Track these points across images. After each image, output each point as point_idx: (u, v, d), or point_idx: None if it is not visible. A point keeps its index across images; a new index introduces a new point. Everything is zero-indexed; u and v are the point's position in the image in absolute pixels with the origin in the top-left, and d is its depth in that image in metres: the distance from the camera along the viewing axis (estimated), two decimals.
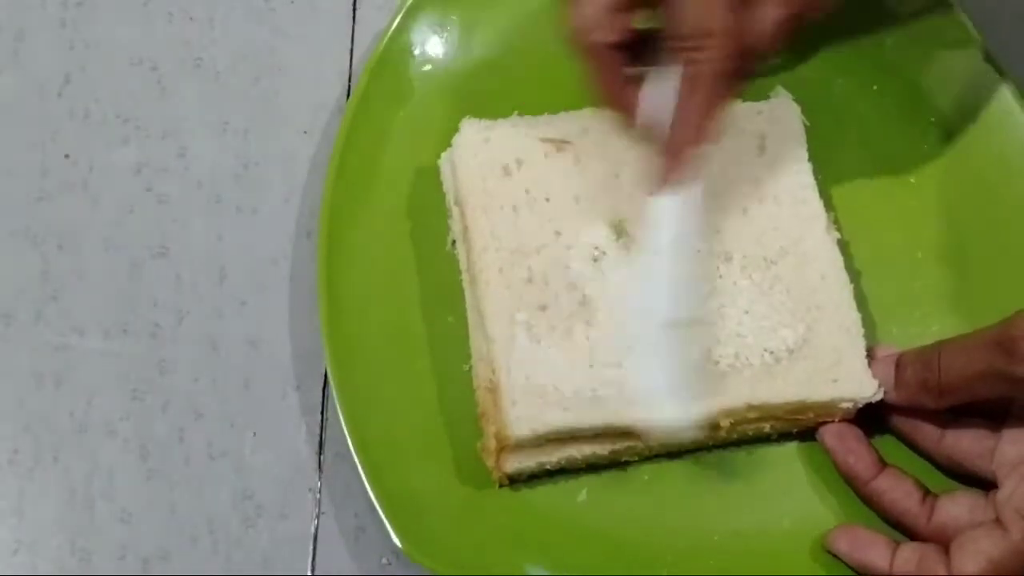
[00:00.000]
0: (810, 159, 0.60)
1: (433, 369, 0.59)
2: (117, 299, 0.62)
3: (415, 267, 0.61)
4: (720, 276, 0.58)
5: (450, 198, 0.61)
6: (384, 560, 0.58)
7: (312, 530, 0.59)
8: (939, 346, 0.54)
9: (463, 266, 0.60)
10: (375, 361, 0.59)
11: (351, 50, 0.68)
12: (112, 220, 0.64)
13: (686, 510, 0.57)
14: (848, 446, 0.56)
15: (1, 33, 0.68)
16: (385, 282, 0.60)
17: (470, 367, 0.59)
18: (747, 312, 0.57)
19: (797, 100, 0.62)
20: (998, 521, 0.52)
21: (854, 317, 0.57)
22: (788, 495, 0.58)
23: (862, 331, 0.57)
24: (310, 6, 0.69)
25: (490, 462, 0.55)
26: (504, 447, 0.55)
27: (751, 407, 0.55)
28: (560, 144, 0.60)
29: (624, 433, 0.56)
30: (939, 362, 0.53)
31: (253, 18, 0.69)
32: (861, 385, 0.55)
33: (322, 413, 0.61)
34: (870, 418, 0.57)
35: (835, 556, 0.56)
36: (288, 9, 0.69)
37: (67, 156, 0.65)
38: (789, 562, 0.56)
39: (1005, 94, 0.63)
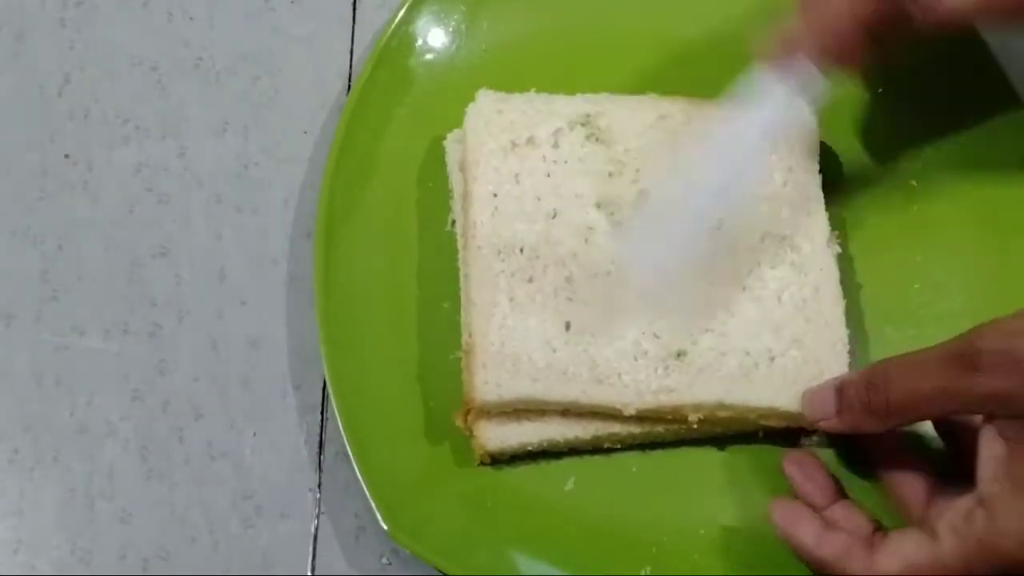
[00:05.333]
0: (821, 171, 0.60)
1: (427, 358, 0.59)
2: (117, 299, 0.63)
3: (413, 258, 0.61)
4: (713, 280, 0.58)
5: (454, 178, 0.62)
6: (384, 560, 0.58)
7: (312, 530, 0.59)
8: (885, 365, 0.52)
9: (459, 230, 0.60)
10: (370, 351, 0.59)
11: (351, 50, 0.68)
12: (112, 220, 0.64)
13: (672, 503, 0.57)
14: (806, 473, 0.55)
15: (1, 33, 0.68)
16: (382, 273, 0.61)
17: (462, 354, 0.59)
18: (732, 314, 0.57)
19: None
20: (931, 530, 0.50)
21: (841, 335, 0.57)
22: (775, 492, 0.57)
23: (847, 348, 0.57)
24: (310, 6, 0.69)
25: (458, 421, 0.56)
26: (470, 410, 0.56)
27: (723, 406, 0.55)
28: (573, 123, 0.61)
29: (602, 416, 0.56)
30: (886, 381, 0.51)
31: (253, 18, 0.69)
32: None
33: (322, 413, 0.61)
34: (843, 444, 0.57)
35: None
36: (288, 9, 0.69)
37: (67, 156, 0.65)
38: (774, 557, 0.56)
39: (1010, 98, 0.64)
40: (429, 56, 0.65)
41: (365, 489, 0.56)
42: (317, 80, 0.67)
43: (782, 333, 0.56)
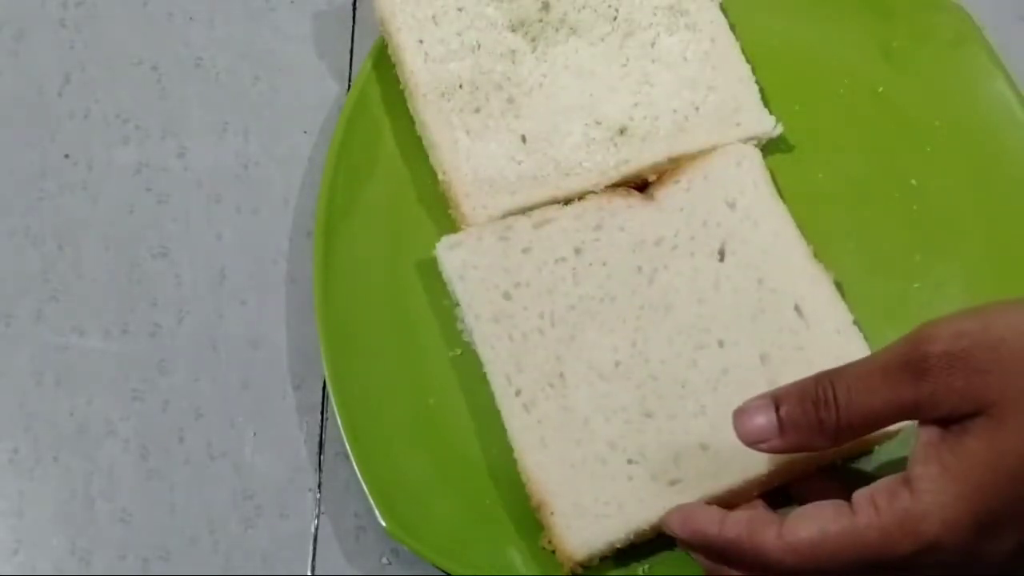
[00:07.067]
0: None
1: (427, 357, 0.60)
2: (117, 299, 0.63)
3: (412, 257, 0.61)
4: (626, 62, 0.63)
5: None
6: (384, 560, 0.58)
7: (312, 530, 0.59)
8: (829, 379, 0.48)
9: (403, 85, 0.63)
10: (370, 351, 0.59)
11: (351, 50, 0.68)
12: (112, 220, 0.64)
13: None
14: (687, 513, 0.52)
15: (1, 33, 0.68)
16: (382, 273, 0.61)
17: (462, 351, 0.59)
18: (653, 85, 0.63)
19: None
20: (849, 504, 0.47)
21: (745, 70, 0.64)
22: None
23: (754, 79, 0.63)
24: (310, 6, 0.69)
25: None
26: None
27: (671, 159, 0.62)
28: None
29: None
30: (836, 397, 0.47)
31: (253, 18, 0.69)
32: (760, 123, 0.63)
33: (322, 413, 0.61)
34: None
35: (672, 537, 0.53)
36: (288, 9, 0.69)
37: (67, 156, 0.65)
38: None
39: (1009, 96, 0.64)
40: None
41: (365, 489, 0.56)
42: (317, 80, 0.67)
43: (698, 85, 0.63)
